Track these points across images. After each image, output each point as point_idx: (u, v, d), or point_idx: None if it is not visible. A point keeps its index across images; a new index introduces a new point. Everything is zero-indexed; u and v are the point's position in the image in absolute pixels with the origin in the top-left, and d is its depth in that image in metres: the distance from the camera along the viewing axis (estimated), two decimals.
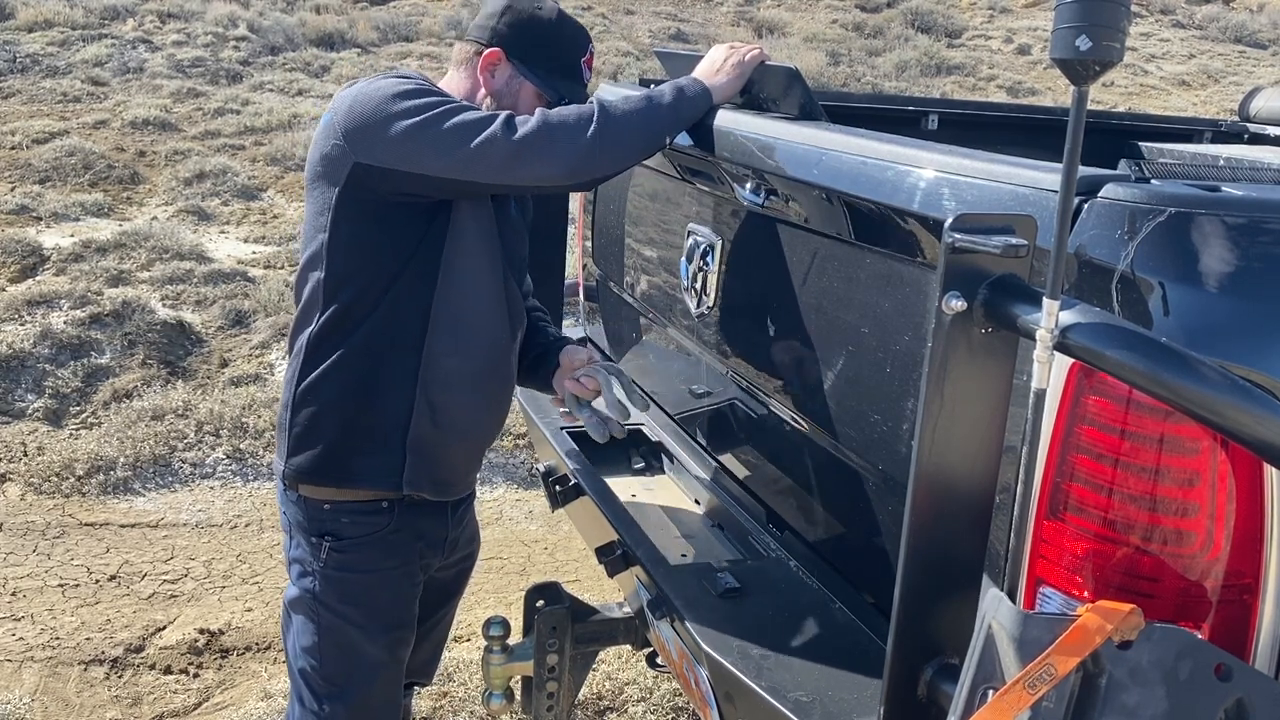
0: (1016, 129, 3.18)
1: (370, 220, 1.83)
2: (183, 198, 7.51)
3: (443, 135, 1.75)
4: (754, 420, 2.13)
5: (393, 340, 1.87)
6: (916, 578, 1.22)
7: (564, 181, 1.86)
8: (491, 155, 1.75)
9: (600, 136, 1.78)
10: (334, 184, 1.82)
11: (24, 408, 4.79)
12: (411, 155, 1.76)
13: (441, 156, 1.75)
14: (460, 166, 1.76)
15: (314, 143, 1.89)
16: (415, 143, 1.75)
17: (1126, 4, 0.97)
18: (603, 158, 1.81)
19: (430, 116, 1.76)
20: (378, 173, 1.78)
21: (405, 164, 1.76)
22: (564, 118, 1.79)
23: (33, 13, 10.83)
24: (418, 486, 1.93)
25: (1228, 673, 1.07)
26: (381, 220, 1.83)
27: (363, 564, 1.94)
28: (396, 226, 1.84)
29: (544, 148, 1.76)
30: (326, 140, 1.83)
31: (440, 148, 1.75)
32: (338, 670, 1.97)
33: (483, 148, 1.74)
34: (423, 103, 1.78)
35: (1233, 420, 0.96)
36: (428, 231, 1.85)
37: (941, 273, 1.13)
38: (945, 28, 14.99)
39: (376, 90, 1.81)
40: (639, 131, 1.84)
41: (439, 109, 1.77)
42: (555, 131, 1.77)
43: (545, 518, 4.22)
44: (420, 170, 1.77)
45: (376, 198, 1.81)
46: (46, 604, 3.48)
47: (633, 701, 3.02)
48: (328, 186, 1.84)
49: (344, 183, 1.81)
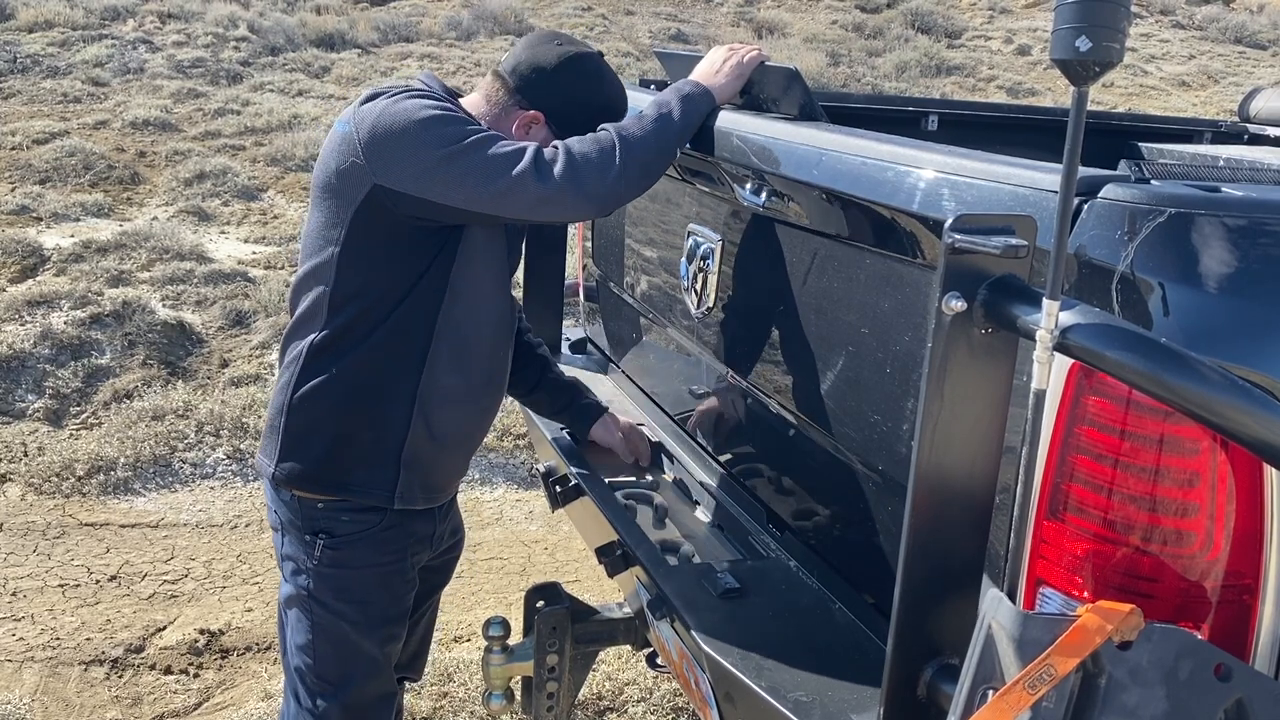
0: (1016, 129, 3.18)
1: (384, 239, 1.82)
2: (183, 198, 7.51)
3: (472, 170, 1.73)
4: (754, 421, 2.13)
5: (395, 357, 1.87)
6: (916, 578, 1.22)
7: (593, 216, 1.88)
8: (521, 195, 1.74)
9: (625, 168, 1.78)
10: (350, 200, 1.80)
11: (24, 408, 4.79)
12: (437, 186, 1.74)
13: (469, 190, 1.74)
14: (488, 202, 1.75)
15: (328, 152, 1.86)
16: (442, 174, 1.73)
17: (1126, 4, 0.97)
18: (629, 188, 1.81)
19: (459, 149, 1.74)
20: (398, 197, 1.76)
21: (430, 194, 1.75)
22: (587, 155, 1.77)
23: (33, 13, 10.83)
24: (410, 501, 1.94)
25: (1228, 673, 1.07)
26: (395, 240, 1.82)
27: (356, 561, 1.94)
28: (410, 246, 1.82)
29: (574, 190, 1.75)
30: (344, 155, 1.81)
31: (468, 183, 1.73)
32: (332, 667, 1.97)
33: (513, 187, 1.73)
34: (451, 132, 1.75)
35: (1233, 420, 0.96)
36: (440, 252, 1.84)
37: (941, 273, 1.13)
38: (945, 28, 14.99)
39: (403, 112, 1.77)
40: (657, 152, 1.84)
41: (467, 140, 1.75)
42: (583, 172, 1.75)
43: (545, 518, 4.22)
44: (444, 202, 1.75)
45: (392, 218, 1.79)
46: (47, 604, 3.48)
47: (633, 701, 3.02)
48: (342, 201, 1.82)
49: (361, 202, 1.79)
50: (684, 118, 1.89)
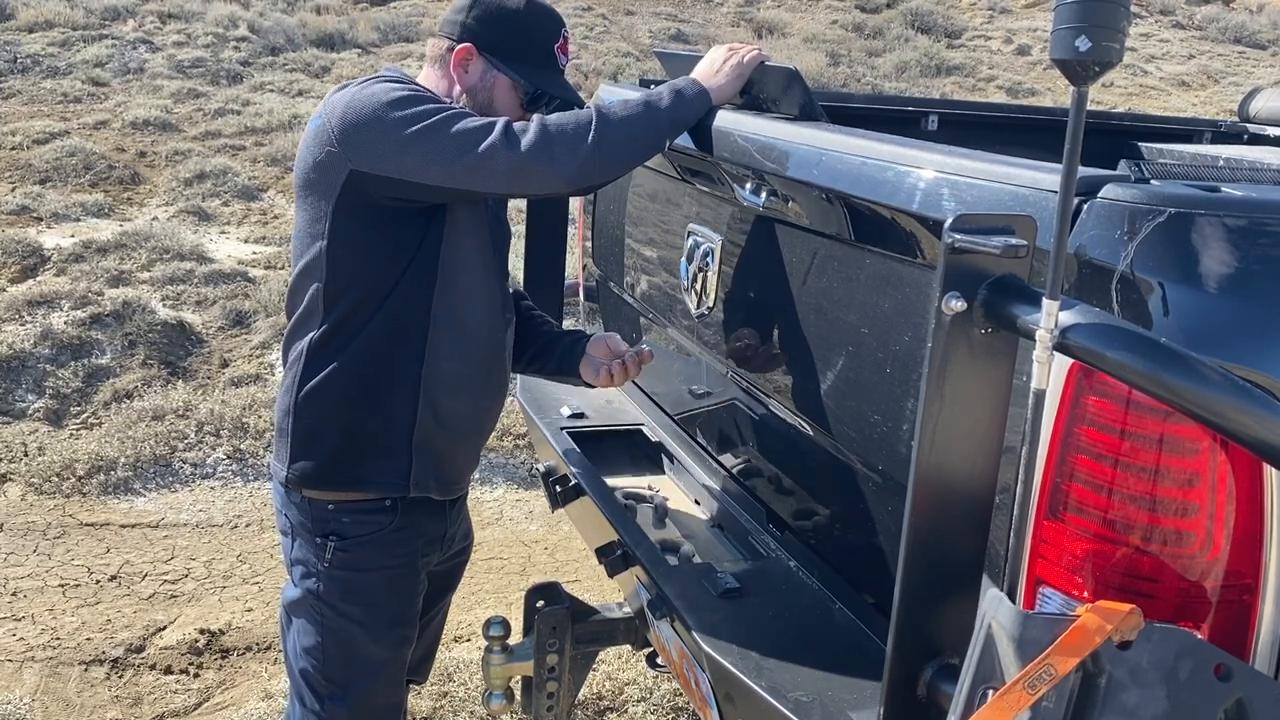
0: (1016, 129, 3.18)
1: (368, 226, 1.83)
2: (183, 198, 7.51)
3: (442, 145, 1.75)
4: (754, 420, 2.13)
5: (394, 344, 1.87)
6: (916, 578, 1.22)
7: (564, 190, 1.87)
8: (492, 167, 1.75)
9: (599, 145, 1.78)
10: (329, 191, 1.81)
11: (25, 408, 4.79)
12: (410, 164, 1.75)
13: (441, 166, 1.75)
14: (460, 176, 1.76)
15: (304, 148, 1.87)
16: (414, 152, 1.75)
17: (1126, 4, 0.97)
18: (601, 166, 1.80)
19: (428, 125, 1.75)
20: (374, 179, 1.77)
21: (403, 172, 1.76)
22: (562, 126, 1.78)
23: (33, 13, 10.83)
24: (425, 488, 1.93)
25: (1227, 673, 1.07)
26: (379, 225, 1.83)
27: (367, 563, 1.94)
28: (394, 231, 1.83)
29: (544, 159, 1.75)
30: (319, 146, 1.82)
31: (440, 158, 1.75)
32: (340, 670, 1.97)
33: (483, 159, 1.74)
34: (419, 110, 1.77)
35: (1233, 421, 0.96)
36: (425, 234, 1.85)
37: (941, 273, 1.13)
38: (945, 28, 14.99)
39: (370, 96, 1.79)
40: (637, 137, 1.84)
41: (436, 117, 1.76)
42: (554, 142, 1.76)
43: (545, 518, 4.22)
44: (419, 179, 1.77)
45: (373, 203, 1.81)
46: (47, 604, 3.48)
47: (633, 701, 3.02)
48: (322, 194, 1.83)
49: (340, 190, 1.80)
50: (673, 111, 1.89)
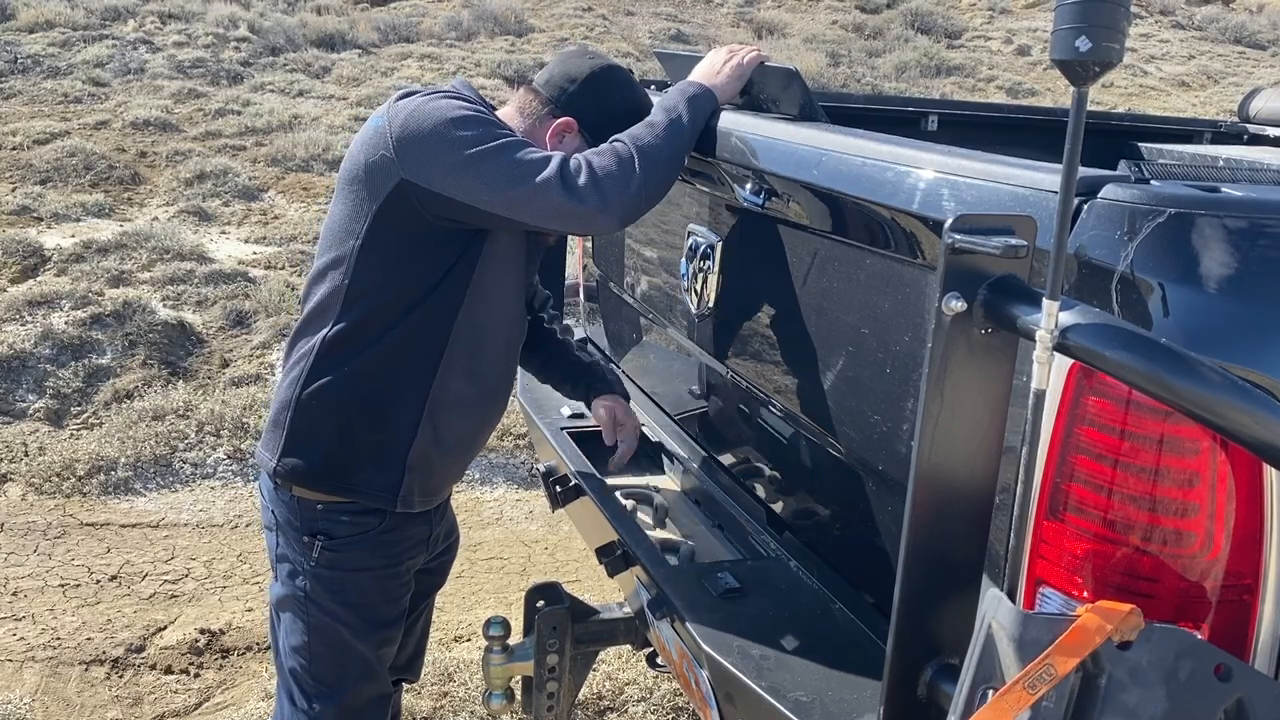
0: (1016, 129, 3.18)
1: (408, 237, 1.82)
2: (183, 198, 7.51)
3: (498, 173, 1.75)
4: (754, 420, 2.13)
5: (409, 358, 1.86)
6: (916, 578, 1.22)
7: (610, 231, 1.90)
8: (544, 204, 1.75)
9: (645, 181, 1.79)
10: (375, 194, 1.81)
11: (25, 408, 4.80)
12: (463, 185, 1.75)
13: (493, 193, 1.75)
14: (511, 206, 1.76)
15: (358, 145, 1.86)
16: (469, 174, 1.74)
17: (1126, 5, 0.97)
18: (649, 200, 1.83)
19: (487, 150, 1.75)
20: (424, 193, 1.77)
21: (455, 192, 1.76)
22: (608, 170, 1.78)
23: (34, 13, 10.83)
24: (409, 504, 1.94)
25: (1228, 673, 1.07)
26: (419, 239, 1.82)
27: (354, 563, 1.94)
28: (431, 247, 1.83)
29: (597, 206, 1.76)
30: (374, 148, 1.81)
31: (494, 185, 1.75)
32: (327, 669, 1.97)
33: (536, 194, 1.74)
34: (481, 133, 1.77)
35: (1233, 421, 0.96)
36: (462, 255, 1.84)
37: (941, 273, 1.13)
38: (945, 29, 14.99)
39: (436, 110, 1.79)
40: (671, 159, 1.85)
41: (496, 143, 1.77)
42: (605, 185, 1.76)
43: (545, 518, 4.22)
44: (469, 201, 1.76)
45: (417, 215, 1.80)
46: (47, 604, 3.48)
47: (633, 701, 3.02)
48: (368, 194, 1.82)
49: (387, 196, 1.79)
50: (692, 121, 1.90)
